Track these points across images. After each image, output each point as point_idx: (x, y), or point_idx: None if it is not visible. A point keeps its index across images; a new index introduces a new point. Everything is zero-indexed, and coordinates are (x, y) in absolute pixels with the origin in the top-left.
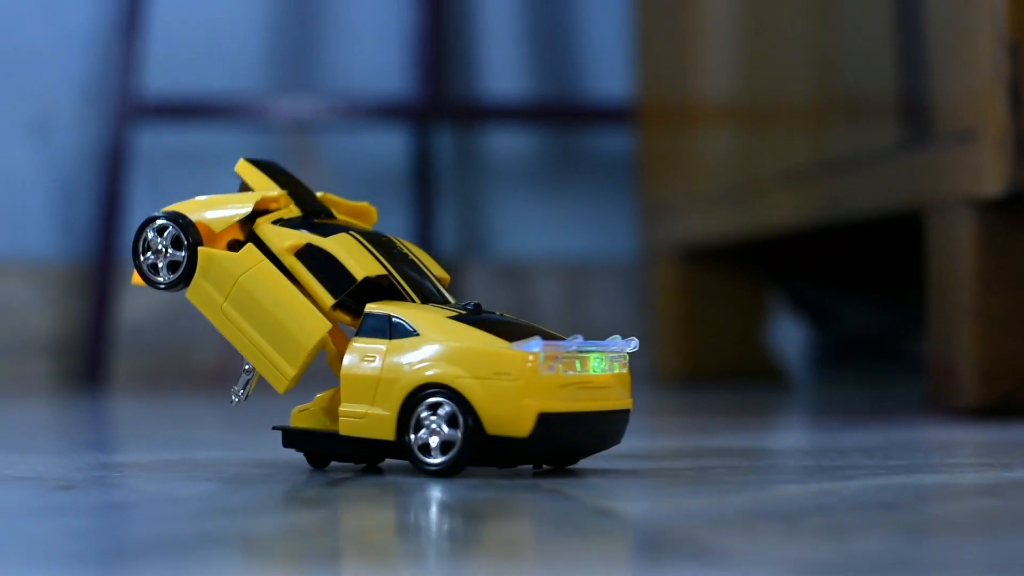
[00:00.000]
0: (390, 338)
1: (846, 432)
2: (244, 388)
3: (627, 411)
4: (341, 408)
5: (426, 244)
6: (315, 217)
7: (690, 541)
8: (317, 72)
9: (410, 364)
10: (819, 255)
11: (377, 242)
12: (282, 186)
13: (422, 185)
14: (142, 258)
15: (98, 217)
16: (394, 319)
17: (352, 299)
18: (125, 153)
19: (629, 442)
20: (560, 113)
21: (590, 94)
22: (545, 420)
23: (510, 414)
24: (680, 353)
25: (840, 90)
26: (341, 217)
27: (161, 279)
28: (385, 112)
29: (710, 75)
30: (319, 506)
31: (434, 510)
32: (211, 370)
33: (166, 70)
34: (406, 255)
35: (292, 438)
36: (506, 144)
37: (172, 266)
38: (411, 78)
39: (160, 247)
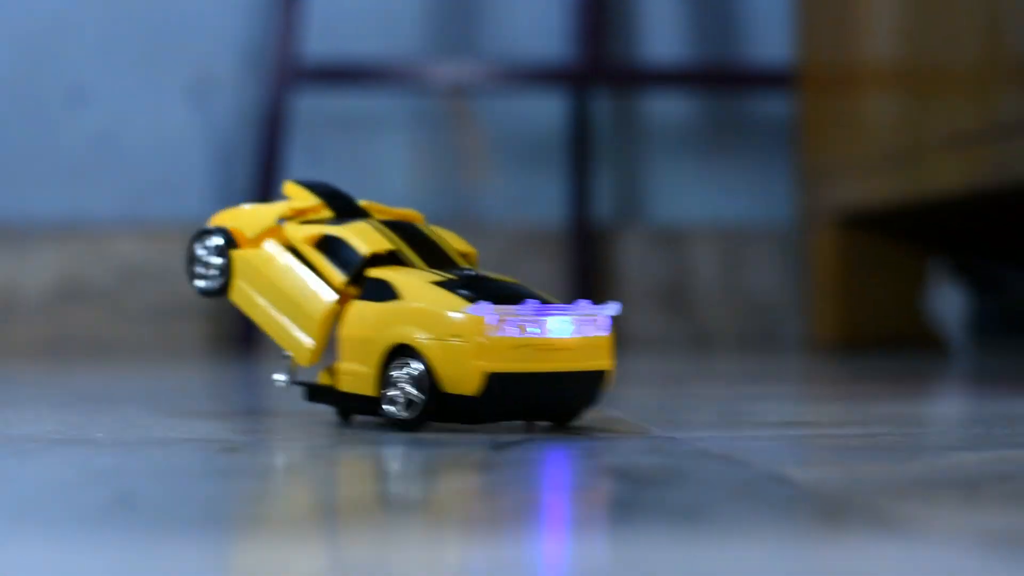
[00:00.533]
0: (379, 301)
1: (1013, 401)
2: (288, 373)
3: (597, 373)
4: (340, 366)
5: (582, 209)
6: (349, 219)
7: (871, 509)
8: (475, 36)
9: (387, 325)
10: (984, 221)
11: (395, 226)
12: (321, 197)
13: (579, 150)
14: (194, 268)
15: (256, 181)
16: (383, 283)
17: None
18: (283, 117)
19: (792, 408)
20: (719, 77)
21: (750, 58)
22: (495, 380)
23: (461, 374)
24: (838, 320)
25: (1009, 53)
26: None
27: (207, 284)
28: (543, 76)
29: (873, 38)
30: (491, 470)
31: (608, 477)
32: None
33: (325, 34)
34: (425, 235)
35: (312, 393)
36: (664, 109)
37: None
38: (570, 42)
39: (204, 257)
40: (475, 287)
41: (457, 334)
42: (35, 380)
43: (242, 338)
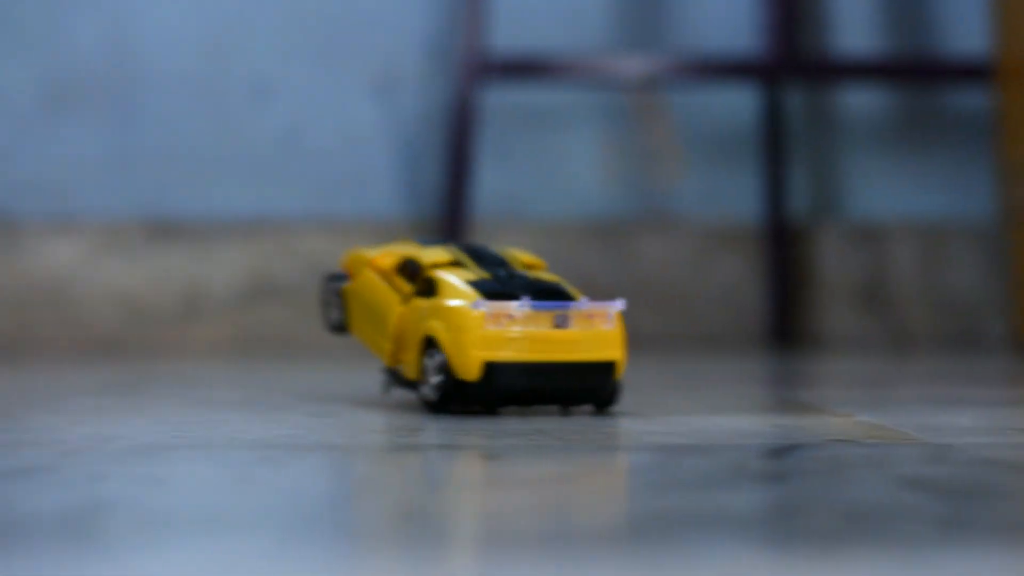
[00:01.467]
0: (427, 297)
1: None
2: (388, 382)
3: (602, 364)
4: (401, 356)
5: (777, 206)
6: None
7: None
8: (663, 29)
9: (423, 319)
10: None
11: (470, 248)
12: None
13: (772, 145)
14: (326, 309)
15: (443, 177)
16: (430, 282)
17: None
18: (470, 112)
19: (997, 413)
20: (915, 70)
21: (946, 50)
22: (491, 368)
23: (464, 362)
24: None
25: None
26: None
27: (331, 319)
28: (734, 70)
29: None
30: (775, 481)
31: (911, 489)
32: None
33: (511, 27)
34: (492, 252)
35: (390, 379)
36: (858, 102)
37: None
38: (761, 34)
39: (329, 297)
40: (507, 284)
41: (461, 327)
42: (239, 380)
43: None
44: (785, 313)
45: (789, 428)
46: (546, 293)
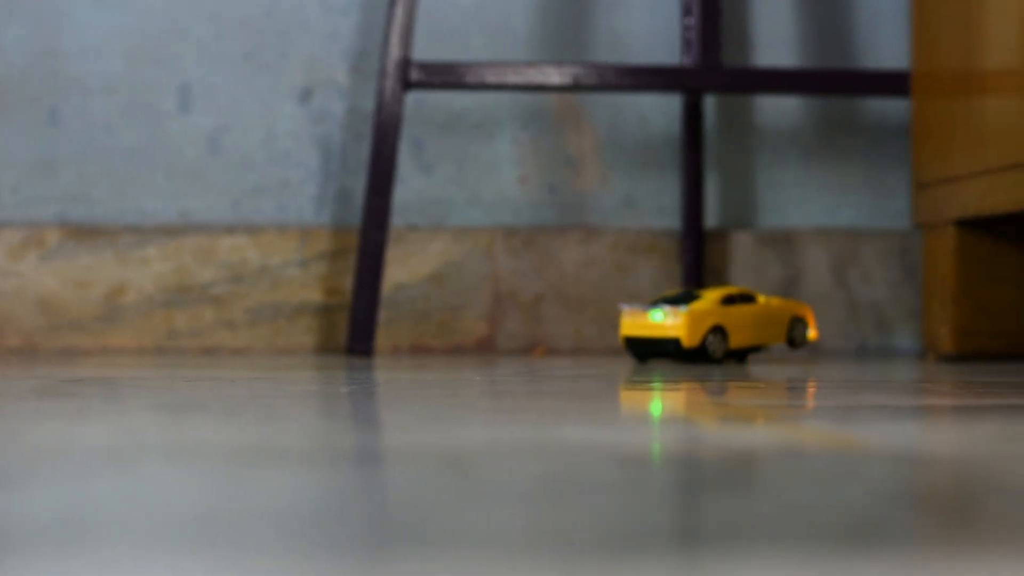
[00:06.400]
0: None
1: None
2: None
3: (670, 338)
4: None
5: (694, 212)
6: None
7: None
8: (586, 38)
9: None
10: None
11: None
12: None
13: (691, 153)
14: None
15: (365, 183)
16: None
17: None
18: (392, 119)
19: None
20: (833, 81)
21: (866, 63)
22: (627, 339)
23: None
24: (955, 330)
25: None
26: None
27: None
28: (654, 78)
29: (996, 42)
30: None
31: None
32: (477, 338)
33: (434, 36)
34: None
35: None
36: (777, 113)
37: None
38: (682, 45)
39: None
40: (682, 296)
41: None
42: (174, 384)
43: (357, 343)
44: None
45: (728, 437)
46: (678, 300)
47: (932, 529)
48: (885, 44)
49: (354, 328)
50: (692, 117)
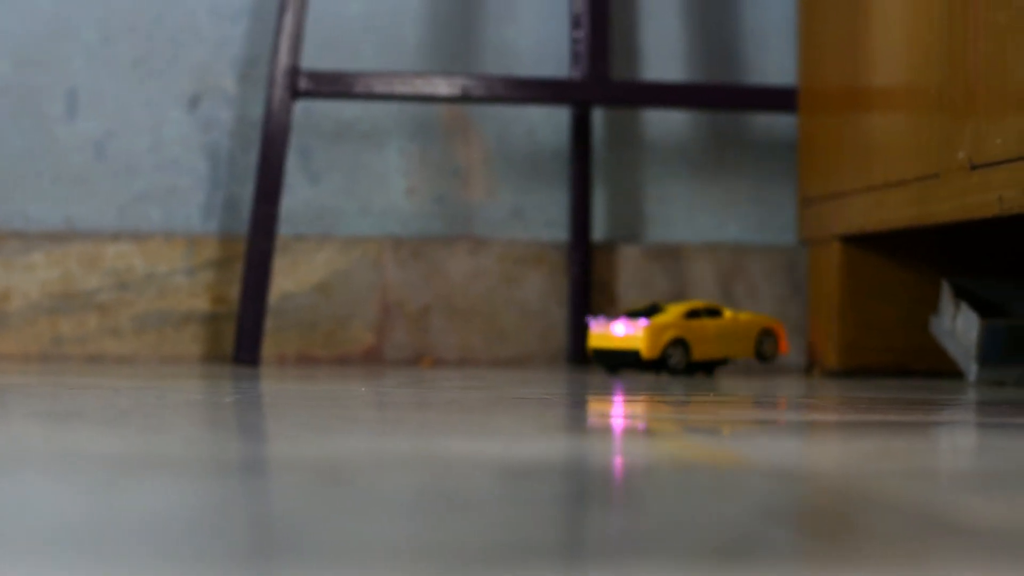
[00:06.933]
0: None
1: None
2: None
3: (630, 350)
4: None
5: (582, 225)
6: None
7: None
8: (476, 50)
9: None
10: (1001, 244)
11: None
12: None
13: (579, 167)
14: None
15: (254, 192)
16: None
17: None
18: (281, 128)
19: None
20: (722, 95)
21: (753, 76)
22: (594, 351)
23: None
24: (840, 345)
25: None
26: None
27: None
28: (543, 91)
29: (883, 58)
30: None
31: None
32: (364, 349)
33: (324, 45)
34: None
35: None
36: (666, 127)
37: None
38: (571, 58)
39: None
40: (646, 310)
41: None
42: (58, 392)
43: (244, 352)
44: (585, 333)
45: (610, 450)
46: (641, 312)
47: (809, 544)
48: (773, 60)
49: (241, 337)
50: (580, 130)
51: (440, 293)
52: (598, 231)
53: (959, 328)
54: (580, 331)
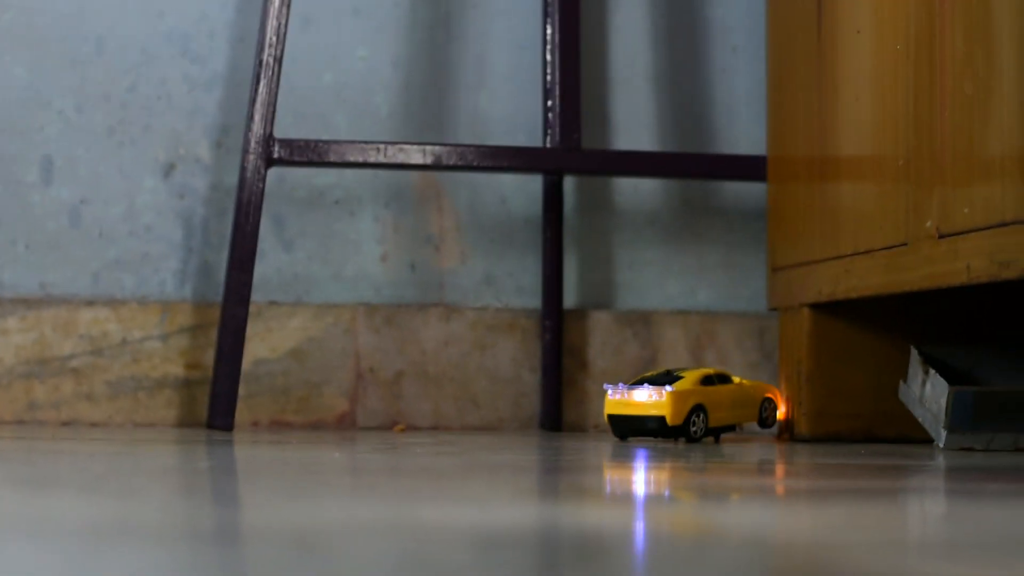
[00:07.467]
0: None
1: None
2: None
3: (658, 416)
4: None
5: (553, 290)
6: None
7: None
8: (449, 119)
9: None
10: (968, 312)
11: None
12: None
13: (552, 234)
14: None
15: (228, 259)
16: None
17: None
18: (255, 196)
19: None
20: (692, 164)
21: (723, 146)
22: (611, 417)
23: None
24: (810, 411)
25: (995, 143)
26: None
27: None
28: (516, 160)
29: (851, 129)
30: None
31: None
32: (337, 415)
33: (298, 114)
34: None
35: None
36: (638, 196)
37: None
38: (544, 127)
39: None
40: (659, 377)
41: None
42: (34, 458)
43: (218, 418)
44: (558, 399)
45: (583, 518)
46: (660, 380)
47: None
48: (742, 130)
49: (214, 403)
50: (552, 197)
51: (413, 359)
52: (569, 298)
53: (928, 395)
54: (553, 397)
